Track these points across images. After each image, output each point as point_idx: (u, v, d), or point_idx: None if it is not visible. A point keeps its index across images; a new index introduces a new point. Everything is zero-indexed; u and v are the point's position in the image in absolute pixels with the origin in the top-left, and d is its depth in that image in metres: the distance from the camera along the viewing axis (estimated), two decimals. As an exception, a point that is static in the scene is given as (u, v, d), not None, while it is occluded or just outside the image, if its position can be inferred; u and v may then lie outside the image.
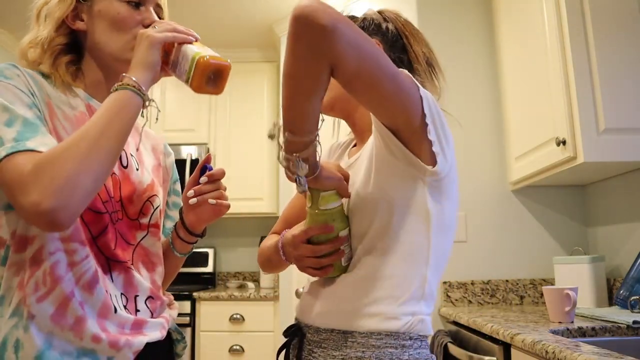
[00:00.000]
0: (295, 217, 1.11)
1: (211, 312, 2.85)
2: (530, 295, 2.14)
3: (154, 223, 0.97)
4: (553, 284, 2.06)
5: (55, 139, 0.80)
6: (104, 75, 0.93)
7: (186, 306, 2.84)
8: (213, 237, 3.53)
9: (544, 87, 1.82)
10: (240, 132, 3.32)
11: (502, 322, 1.54)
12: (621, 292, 1.67)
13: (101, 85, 0.93)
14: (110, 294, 0.84)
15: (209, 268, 3.42)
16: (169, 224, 1.09)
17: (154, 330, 0.90)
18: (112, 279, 0.86)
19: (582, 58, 1.65)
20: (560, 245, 2.17)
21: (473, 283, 2.16)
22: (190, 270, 3.40)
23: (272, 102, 3.36)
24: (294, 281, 2.53)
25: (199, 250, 3.44)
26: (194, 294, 2.86)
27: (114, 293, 0.86)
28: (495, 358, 1.46)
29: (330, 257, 0.87)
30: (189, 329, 2.82)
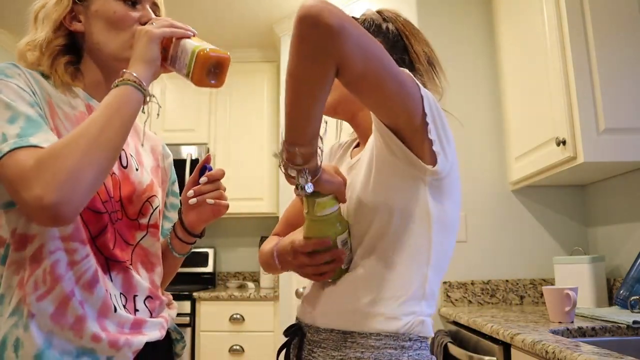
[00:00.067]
0: (296, 217, 1.10)
1: (211, 312, 2.84)
2: (530, 295, 2.14)
3: (153, 223, 0.97)
4: (553, 284, 2.06)
5: (56, 137, 0.80)
6: (104, 75, 0.93)
7: (186, 306, 2.84)
8: (213, 237, 3.53)
9: (544, 87, 1.82)
10: (240, 132, 3.32)
11: (502, 322, 1.54)
12: (621, 292, 1.67)
13: (101, 85, 0.93)
14: (110, 293, 0.84)
15: (209, 268, 3.42)
16: (167, 225, 1.09)
17: (154, 330, 0.90)
18: (111, 278, 0.86)
19: (582, 58, 1.65)
20: (560, 245, 2.17)
21: (473, 283, 2.16)
22: (190, 270, 3.40)
23: (272, 102, 3.35)
24: (294, 281, 2.53)
25: (199, 250, 3.43)
26: (194, 294, 2.86)
27: (114, 293, 0.86)
28: (495, 358, 1.46)
29: (330, 266, 0.87)
30: (189, 329, 2.81)
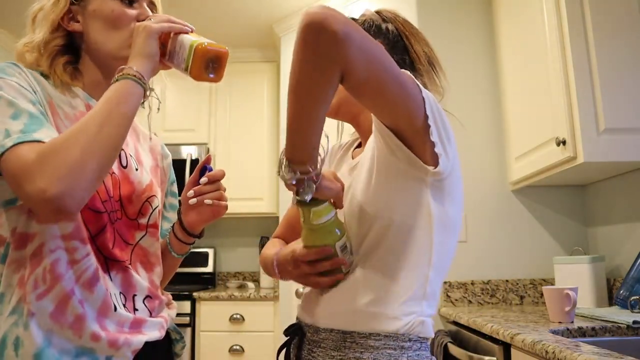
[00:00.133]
0: (297, 220, 1.10)
1: (211, 312, 2.84)
2: (530, 295, 2.14)
3: (153, 223, 0.97)
4: (553, 284, 2.06)
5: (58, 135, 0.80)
6: (103, 75, 0.93)
7: (186, 306, 2.83)
8: (213, 237, 3.53)
9: (544, 87, 1.82)
10: (240, 132, 3.32)
11: (502, 322, 1.54)
12: (621, 292, 1.67)
13: (100, 85, 0.93)
14: (110, 292, 0.84)
15: (209, 268, 3.41)
16: (166, 225, 1.09)
17: (153, 329, 0.90)
18: (110, 278, 0.86)
19: (582, 58, 1.65)
20: (560, 245, 2.17)
21: (473, 283, 2.16)
22: (190, 270, 3.40)
23: (272, 102, 3.35)
24: (293, 281, 2.53)
25: (199, 250, 3.43)
26: (194, 294, 2.86)
27: (113, 292, 0.86)
28: (495, 358, 1.46)
29: (332, 278, 0.87)
30: (189, 329, 2.81)
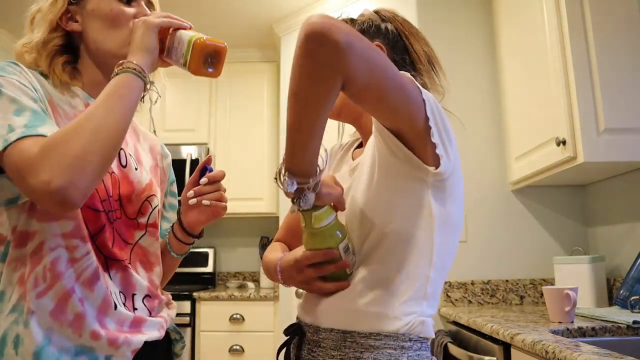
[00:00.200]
0: (297, 223, 1.10)
1: (211, 312, 2.84)
2: (530, 295, 2.14)
3: (152, 223, 0.97)
4: (553, 284, 2.06)
5: None
6: (103, 74, 0.94)
7: (186, 306, 2.83)
8: (213, 237, 3.53)
9: (544, 87, 1.82)
10: (240, 132, 3.32)
11: (502, 322, 1.54)
12: (621, 292, 1.67)
13: (100, 84, 0.93)
14: (110, 290, 0.85)
15: (209, 268, 3.41)
16: (166, 225, 1.09)
17: (153, 329, 0.90)
18: (110, 277, 0.86)
19: (582, 58, 1.65)
20: (560, 245, 2.17)
21: (473, 283, 2.16)
22: (190, 270, 3.40)
23: (272, 102, 3.35)
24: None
25: (199, 250, 3.43)
26: (194, 294, 2.86)
27: (113, 290, 0.86)
28: (495, 358, 1.46)
29: (337, 284, 0.87)
30: (189, 329, 2.81)
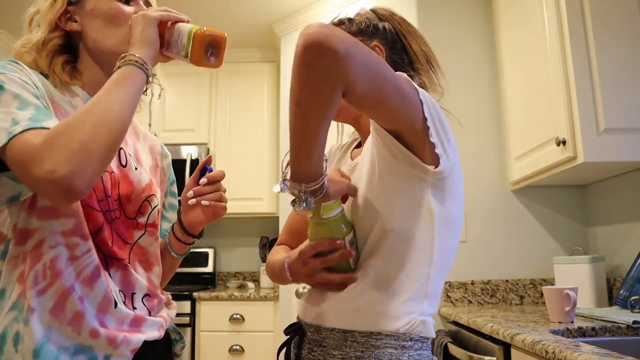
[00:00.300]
0: (299, 225, 1.10)
1: (211, 312, 2.84)
2: (530, 295, 2.14)
3: (152, 222, 0.97)
4: (553, 284, 2.06)
5: None
6: (103, 72, 0.94)
7: (186, 306, 2.83)
8: (213, 237, 3.53)
9: (544, 87, 1.82)
10: (240, 132, 3.32)
11: (502, 322, 1.54)
12: (621, 292, 1.67)
13: (100, 83, 0.93)
14: (111, 289, 0.85)
15: (209, 268, 3.41)
16: (166, 225, 1.09)
17: (152, 329, 0.90)
18: (110, 275, 0.86)
19: (582, 58, 1.65)
20: (560, 245, 2.17)
21: (473, 283, 2.16)
22: (190, 270, 3.40)
23: (272, 102, 3.35)
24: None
25: (199, 250, 3.43)
26: (194, 294, 2.86)
27: (113, 289, 0.86)
28: (495, 358, 1.46)
29: (343, 276, 0.87)
30: (189, 329, 2.81)
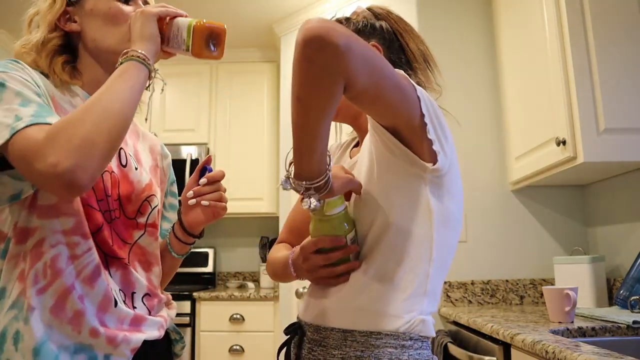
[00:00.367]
0: (299, 223, 1.10)
1: (211, 312, 2.84)
2: (530, 295, 2.14)
3: (152, 222, 0.97)
4: (553, 284, 2.06)
5: None
6: (103, 72, 0.94)
7: (186, 306, 2.83)
8: (213, 237, 3.53)
9: (544, 87, 1.82)
10: (240, 132, 3.32)
11: (502, 322, 1.54)
12: (621, 292, 1.67)
13: (100, 82, 0.93)
14: (111, 287, 0.85)
15: (209, 268, 3.41)
16: (166, 225, 1.09)
17: (152, 328, 0.90)
18: (110, 275, 0.87)
19: (582, 58, 1.65)
20: (560, 245, 2.17)
21: (473, 283, 2.16)
22: (190, 270, 3.40)
23: (272, 102, 3.35)
24: (294, 281, 2.53)
25: (199, 250, 3.43)
26: (194, 294, 2.86)
27: (114, 288, 0.86)
28: (495, 358, 1.46)
29: (345, 266, 0.87)
30: (189, 329, 2.81)
